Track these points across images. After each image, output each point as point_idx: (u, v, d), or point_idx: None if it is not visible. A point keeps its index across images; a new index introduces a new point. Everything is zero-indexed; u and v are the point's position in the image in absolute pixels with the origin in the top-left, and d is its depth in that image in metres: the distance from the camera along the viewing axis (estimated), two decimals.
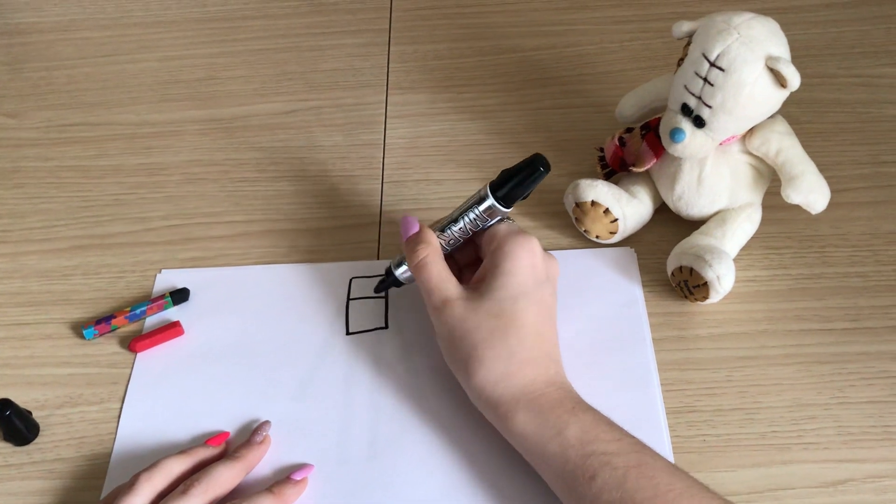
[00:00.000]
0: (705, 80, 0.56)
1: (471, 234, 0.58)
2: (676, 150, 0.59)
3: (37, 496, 0.56)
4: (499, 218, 0.57)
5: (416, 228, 0.58)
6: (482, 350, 0.52)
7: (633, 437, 0.50)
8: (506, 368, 0.52)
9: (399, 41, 0.86)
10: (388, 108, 0.79)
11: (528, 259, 0.54)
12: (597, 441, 0.48)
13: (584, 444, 0.48)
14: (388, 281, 0.61)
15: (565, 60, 0.82)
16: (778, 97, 0.56)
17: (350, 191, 0.72)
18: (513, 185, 0.55)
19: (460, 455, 0.55)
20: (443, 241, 0.58)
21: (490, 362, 0.52)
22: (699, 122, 0.57)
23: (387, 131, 0.77)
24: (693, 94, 0.57)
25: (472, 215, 0.56)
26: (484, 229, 0.57)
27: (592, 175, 0.66)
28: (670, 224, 0.66)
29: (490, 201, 0.55)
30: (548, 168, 0.54)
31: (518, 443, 0.51)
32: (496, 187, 0.55)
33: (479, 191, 0.56)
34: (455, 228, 0.57)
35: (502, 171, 0.55)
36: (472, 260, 0.60)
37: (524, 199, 0.56)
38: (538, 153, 0.55)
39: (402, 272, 0.60)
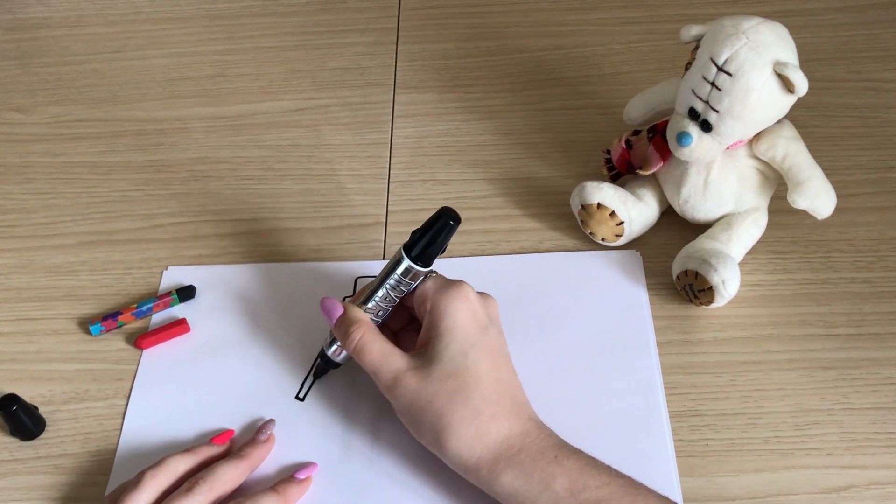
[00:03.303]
0: (713, 84, 0.56)
1: (398, 301, 0.55)
2: (683, 154, 0.59)
3: (43, 491, 0.56)
4: (422, 278, 0.54)
5: (339, 310, 0.55)
6: (448, 417, 0.50)
7: (622, 478, 0.48)
8: (476, 429, 0.49)
9: (406, 40, 0.86)
10: (395, 107, 0.79)
11: (465, 309, 0.52)
12: (586, 489, 0.47)
13: (575, 495, 0.47)
14: (323, 365, 0.58)
15: (572, 61, 0.82)
16: (785, 102, 0.56)
17: (356, 190, 0.72)
18: (425, 243, 0.53)
19: None
20: (371, 314, 0.55)
21: (459, 427, 0.49)
22: (706, 127, 0.57)
23: (394, 130, 0.77)
24: (700, 99, 0.57)
25: (392, 281, 0.54)
26: (411, 292, 0.55)
27: (598, 177, 0.66)
28: (676, 227, 0.66)
29: (407, 263, 0.53)
30: (458, 221, 0.52)
31: (506, 501, 0.49)
32: (409, 248, 0.53)
33: (395, 255, 0.54)
34: (378, 298, 0.54)
35: (413, 232, 0.54)
36: (406, 323, 0.58)
37: (442, 252, 0.54)
38: (446, 206, 0.53)
39: (334, 352, 0.57)
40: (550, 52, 0.83)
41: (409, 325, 0.58)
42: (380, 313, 0.55)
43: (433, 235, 0.53)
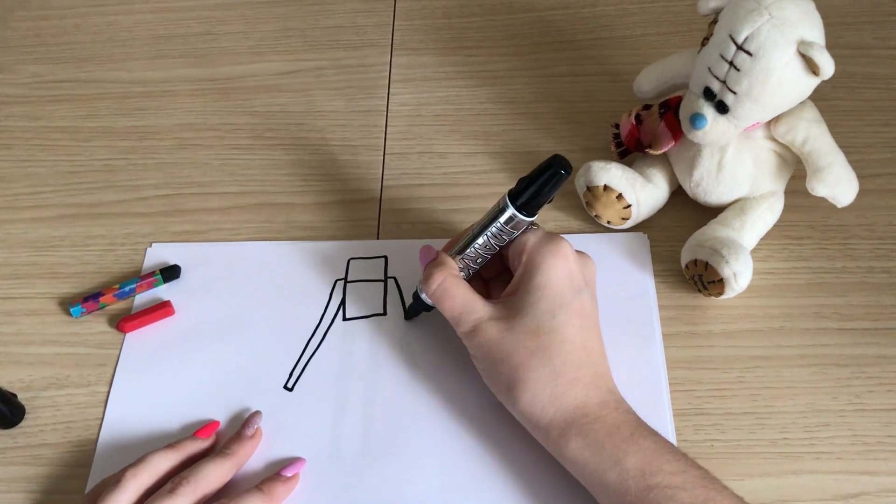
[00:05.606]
0: (731, 63, 0.51)
1: (497, 249, 0.53)
2: (696, 136, 0.55)
3: (22, 482, 0.54)
4: (524, 227, 0.52)
5: (431, 256, 0.53)
6: (524, 373, 0.49)
7: (699, 469, 0.46)
8: (553, 391, 0.48)
9: None
10: (391, 70, 0.75)
11: (562, 267, 0.50)
12: (659, 473, 0.45)
13: (646, 476, 0.45)
14: (416, 305, 0.57)
15: (581, 22, 0.77)
16: (808, 85, 0.52)
17: (350, 162, 0.68)
18: (532, 192, 0.50)
19: (456, 451, 0.53)
20: (468, 261, 0.53)
21: (534, 385, 0.48)
22: (722, 108, 0.53)
23: (390, 97, 0.73)
24: (717, 78, 0.53)
25: (494, 229, 0.51)
26: (511, 241, 0.52)
27: (606, 152, 0.62)
28: (686, 209, 0.62)
29: (510, 212, 0.50)
30: (568, 171, 0.49)
31: (572, 468, 0.48)
32: (515, 196, 0.50)
33: (498, 202, 0.51)
34: (479, 245, 0.52)
35: (520, 180, 0.50)
36: (498, 272, 0.56)
37: (549, 202, 0.51)
38: (557, 154, 0.49)
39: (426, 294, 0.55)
40: (558, 12, 0.78)
41: (502, 274, 0.56)
42: (478, 260, 0.53)
43: (541, 185, 0.50)
